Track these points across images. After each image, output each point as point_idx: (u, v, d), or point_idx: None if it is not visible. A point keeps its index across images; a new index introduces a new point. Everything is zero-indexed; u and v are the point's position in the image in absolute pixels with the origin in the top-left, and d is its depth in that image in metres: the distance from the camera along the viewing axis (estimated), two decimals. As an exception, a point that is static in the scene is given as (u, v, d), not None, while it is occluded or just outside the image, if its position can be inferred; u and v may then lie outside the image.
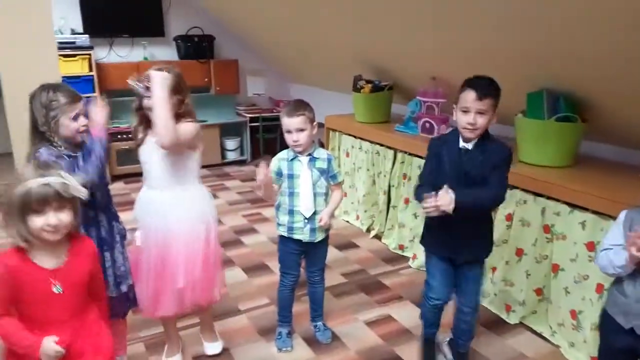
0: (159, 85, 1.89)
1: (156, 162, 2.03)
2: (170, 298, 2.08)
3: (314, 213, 2.28)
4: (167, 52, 5.58)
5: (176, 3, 5.52)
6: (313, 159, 2.27)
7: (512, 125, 2.76)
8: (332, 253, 3.44)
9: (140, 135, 2.07)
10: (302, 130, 2.19)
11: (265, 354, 2.42)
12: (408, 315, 2.72)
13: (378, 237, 3.74)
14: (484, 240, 2.13)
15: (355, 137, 3.92)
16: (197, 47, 5.57)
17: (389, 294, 2.96)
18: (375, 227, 3.79)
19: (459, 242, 2.06)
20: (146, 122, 2.05)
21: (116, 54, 5.33)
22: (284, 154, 2.31)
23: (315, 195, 2.27)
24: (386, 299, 2.91)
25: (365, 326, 2.63)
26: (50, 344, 1.44)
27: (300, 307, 2.67)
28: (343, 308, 2.80)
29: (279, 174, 2.28)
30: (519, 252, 2.60)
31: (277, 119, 2.99)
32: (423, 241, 2.28)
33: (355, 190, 3.95)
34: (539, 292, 2.56)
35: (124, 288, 2.05)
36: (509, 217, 2.63)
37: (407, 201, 3.38)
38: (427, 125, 3.34)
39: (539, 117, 2.58)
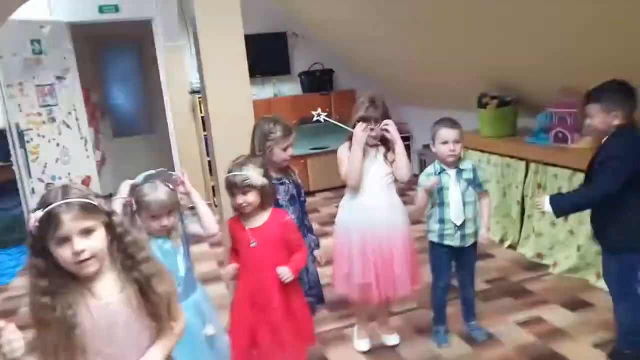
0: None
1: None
2: (374, 287, 2.45)
3: (464, 221, 2.51)
4: (292, 87, 6.15)
5: (300, 43, 6.09)
6: (460, 171, 2.52)
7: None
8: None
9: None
10: (458, 142, 2.46)
11: (427, 350, 2.66)
12: (559, 317, 2.83)
13: (512, 247, 3.85)
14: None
15: (482, 151, 4.09)
16: (318, 81, 6.07)
17: (535, 298, 3.07)
18: (509, 237, 3.90)
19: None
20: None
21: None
22: (430, 169, 2.57)
23: (464, 204, 2.51)
24: (533, 302, 3.02)
25: (518, 326, 2.78)
26: (229, 267, 2.06)
27: (451, 310, 2.88)
28: (492, 310, 2.97)
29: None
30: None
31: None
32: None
33: (484, 203, 4.10)
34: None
35: (314, 292, 2.42)
36: None
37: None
38: (560, 135, 3.46)
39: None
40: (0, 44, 4.45)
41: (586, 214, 2.43)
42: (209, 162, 5.39)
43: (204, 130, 5.26)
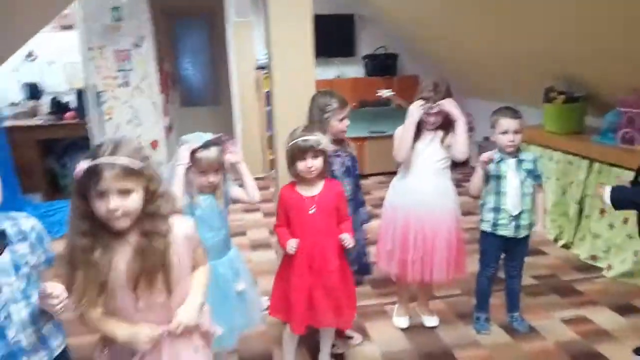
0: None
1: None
2: (410, 267, 2.52)
3: (521, 211, 2.50)
4: (355, 70, 6.18)
5: (367, 26, 6.11)
6: (520, 161, 2.50)
7: None
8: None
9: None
10: (518, 132, 2.44)
11: (465, 335, 2.69)
12: (606, 319, 2.77)
13: (567, 246, 3.76)
14: None
15: (544, 147, 4.00)
16: (382, 65, 6.07)
17: (583, 299, 3.02)
18: (563, 236, 3.81)
19: None
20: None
21: (314, 72, 6.06)
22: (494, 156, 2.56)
23: (523, 195, 2.49)
24: (581, 302, 2.98)
25: (562, 323, 2.75)
26: (292, 242, 2.06)
27: (495, 301, 2.88)
28: (537, 305, 2.94)
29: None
30: None
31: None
32: None
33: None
34: None
35: (361, 261, 2.52)
36: None
37: (603, 212, 3.38)
38: (627, 136, 3.33)
39: None
40: (85, 10, 4.75)
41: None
42: (269, 136, 5.56)
43: (267, 105, 5.40)
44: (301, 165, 2.07)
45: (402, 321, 2.78)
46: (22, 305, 1.38)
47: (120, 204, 1.31)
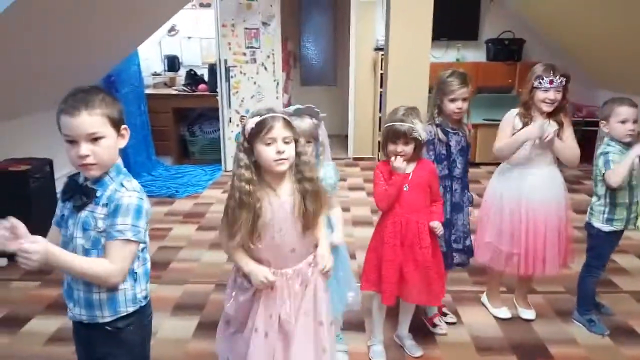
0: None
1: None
2: (522, 258, 2.51)
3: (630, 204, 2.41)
4: (477, 54, 6.04)
5: (493, 9, 5.90)
6: None
7: None
8: (632, 262, 3.38)
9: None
10: (636, 121, 2.33)
11: (563, 331, 2.62)
12: None
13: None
14: None
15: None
16: (506, 50, 5.85)
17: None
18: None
19: None
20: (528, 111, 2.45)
21: (432, 55, 6.00)
22: (607, 148, 2.44)
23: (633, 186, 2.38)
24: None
25: (672, 333, 2.58)
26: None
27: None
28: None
29: None
30: None
31: (577, 123, 3.06)
32: None
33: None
34: None
35: (465, 243, 2.55)
36: None
37: None
38: None
39: None
40: (221, -12, 5.15)
41: None
42: (380, 118, 5.65)
43: (381, 86, 5.48)
44: (392, 148, 2.15)
45: (503, 312, 2.74)
46: None
47: (286, 148, 1.58)
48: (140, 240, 1.41)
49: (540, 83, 2.37)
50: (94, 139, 1.35)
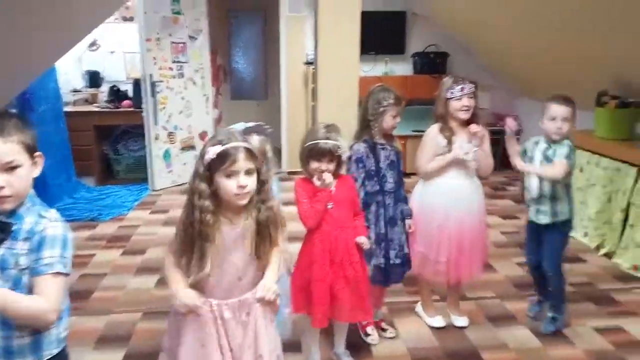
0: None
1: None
2: (444, 268, 2.56)
3: (541, 196, 2.55)
4: (404, 67, 6.18)
5: (418, 23, 6.09)
6: (550, 148, 2.51)
7: None
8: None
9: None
10: (567, 120, 2.43)
11: (494, 337, 2.67)
12: (643, 331, 2.70)
13: (608, 255, 3.65)
14: None
15: (592, 152, 3.89)
16: (431, 63, 6.04)
17: (620, 309, 2.94)
18: (606, 245, 3.70)
19: None
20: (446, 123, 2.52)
21: (362, 69, 6.09)
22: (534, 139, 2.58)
23: (541, 179, 2.52)
24: (617, 312, 2.90)
25: (594, 332, 2.70)
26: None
27: (524, 305, 2.89)
28: (571, 312, 2.86)
29: None
30: None
31: (499, 132, 3.19)
32: None
33: (586, 206, 3.91)
34: None
35: (404, 256, 2.54)
36: None
37: (648, 221, 3.28)
38: (680, 144, 3.20)
39: None
40: (145, 2, 4.95)
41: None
42: (314, 131, 5.66)
43: (313, 100, 5.49)
44: (314, 166, 2.11)
45: (437, 320, 2.77)
46: None
47: (248, 181, 1.53)
48: (69, 272, 1.31)
49: (452, 93, 2.45)
50: (10, 168, 1.24)
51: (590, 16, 3.42)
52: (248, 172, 1.53)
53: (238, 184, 1.51)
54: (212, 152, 1.51)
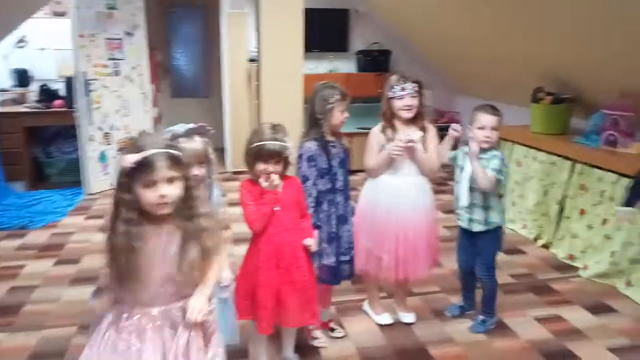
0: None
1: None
2: (390, 265, 2.55)
3: (471, 205, 2.56)
4: (348, 65, 6.19)
5: (361, 21, 6.11)
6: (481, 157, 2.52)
7: None
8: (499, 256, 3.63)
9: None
10: (495, 129, 2.47)
11: (441, 332, 2.71)
12: (579, 318, 2.82)
13: (546, 246, 3.79)
14: None
15: (529, 147, 4.02)
16: (375, 61, 6.07)
17: (558, 297, 3.06)
18: (543, 236, 3.85)
19: None
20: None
21: (306, 67, 6.04)
22: (465, 149, 2.59)
23: (472, 188, 2.53)
24: (556, 301, 3.01)
25: (535, 321, 2.78)
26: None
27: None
28: (513, 303, 2.97)
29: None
30: None
31: (443, 129, 3.26)
32: None
33: (524, 199, 4.04)
34: None
35: (352, 254, 2.51)
36: None
37: (582, 212, 3.42)
38: (611, 138, 3.36)
39: None
40: (78, -4, 4.70)
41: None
42: (258, 129, 5.56)
43: (257, 98, 5.39)
44: (261, 167, 2.04)
45: (384, 318, 2.77)
46: None
47: (168, 191, 1.43)
48: None
49: (394, 92, 2.45)
50: None
51: (525, 15, 3.53)
52: (170, 180, 1.43)
53: (158, 193, 1.41)
54: (130, 159, 1.40)
